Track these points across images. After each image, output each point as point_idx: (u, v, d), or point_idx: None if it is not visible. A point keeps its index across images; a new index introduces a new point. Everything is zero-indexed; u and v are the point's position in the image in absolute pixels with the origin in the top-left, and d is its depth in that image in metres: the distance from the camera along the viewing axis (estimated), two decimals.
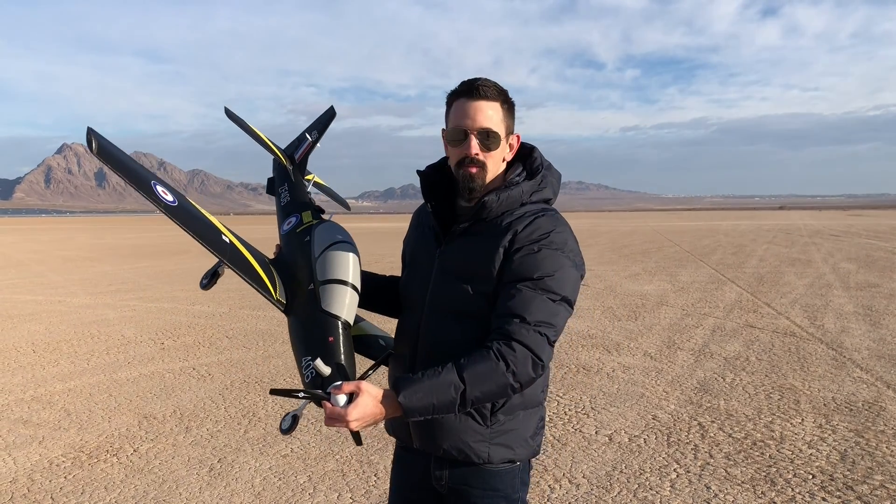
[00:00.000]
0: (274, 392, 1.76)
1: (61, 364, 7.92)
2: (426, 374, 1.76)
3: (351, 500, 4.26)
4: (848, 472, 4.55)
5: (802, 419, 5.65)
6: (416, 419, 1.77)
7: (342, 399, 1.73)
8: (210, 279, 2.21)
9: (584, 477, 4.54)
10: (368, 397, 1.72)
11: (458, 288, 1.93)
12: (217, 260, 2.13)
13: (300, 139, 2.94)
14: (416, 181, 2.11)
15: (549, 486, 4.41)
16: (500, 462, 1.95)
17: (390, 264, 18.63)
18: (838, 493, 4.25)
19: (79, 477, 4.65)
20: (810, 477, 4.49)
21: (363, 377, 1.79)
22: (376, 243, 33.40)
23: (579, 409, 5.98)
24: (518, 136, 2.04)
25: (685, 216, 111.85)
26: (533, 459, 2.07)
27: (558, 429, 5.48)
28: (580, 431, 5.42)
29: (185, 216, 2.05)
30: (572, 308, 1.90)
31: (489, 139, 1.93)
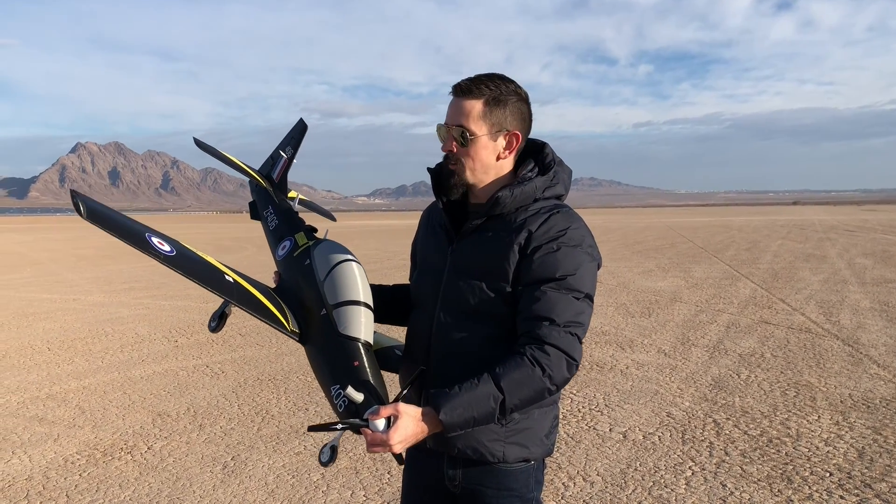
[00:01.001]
0: (312, 429, 1.74)
1: (76, 362, 7.96)
2: (463, 387, 1.75)
3: (364, 498, 4.25)
4: (866, 470, 4.50)
5: (819, 416, 5.60)
6: (456, 433, 1.77)
7: (381, 424, 1.71)
8: (219, 321, 2.17)
9: (598, 475, 4.52)
10: (408, 418, 1.72)
11: (471, 286, 1.92)
12: (223, 301, 2.09)
13: (274, 157, 2.86)
14: (428, 178, 2.10)
15: (562, 483, 4.39)
16: (515, 461, 1.93)
17: (402, 261, 18.62)
18: (856, 490, 4.21)
19: (93, 475, 4.67)
20: (828, 475, 4.45)
21: (398, 398, 1.78)
22: (388, 241, 33.44)
23: (593, 407, 5.95)
24: (517, 134, 1.97)
25: (698, 212, 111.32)
26: (547, 458, 2.05)
27: (572, 426, 5.45)
28: (594, 429, 5.39)
29: (185, 263, 2.03)
30: (593, 302, 1.90)
31: (461, 137, 1.93)
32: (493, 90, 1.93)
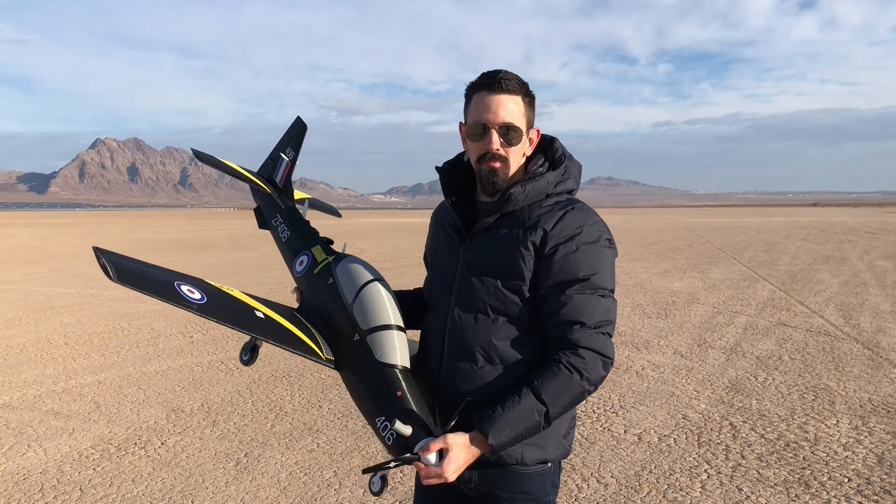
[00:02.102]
0: (367, 471, 1.75)
1: (92, 356, 8.01)
2: (505, 406, 1.76)
3: (376, 497, 4.23)
4: (885, 476, 4.43)
5: (837, 420, 5.52)
6: (505, 450, 1.80)
7: (433, 458, 1.74)
8: (251, 354, 2.11)
9: (612, 476, 4.48)
10: (459, 448, 1.74)
11: (485, 284, 1.90)
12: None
13: (274, 159, 2.74)
14: None
15: (576, 485, 4.35)
16: (533, 463, 1.91)
17: (417, 259, 18.60)
18: (875, 497, 4.14)
19: (107, 469, 4.68)
20: (846, 480, 4.38)
21: (447, 430, 1.78)
22: (404, 238, 33.47)
23: (608, 408, 5.90)
24: (538, 130, 1.99)
25: (717, 213, 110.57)
26: (563, 461, 2.02)
27: (587, 427, 5.41)
28: (609, 430, 5.34)
29: (216, 308, 1.99)
30: (614, 292, 1.91)
31: (510, 134, 1.88)
32: (525, 86, 1.91)
